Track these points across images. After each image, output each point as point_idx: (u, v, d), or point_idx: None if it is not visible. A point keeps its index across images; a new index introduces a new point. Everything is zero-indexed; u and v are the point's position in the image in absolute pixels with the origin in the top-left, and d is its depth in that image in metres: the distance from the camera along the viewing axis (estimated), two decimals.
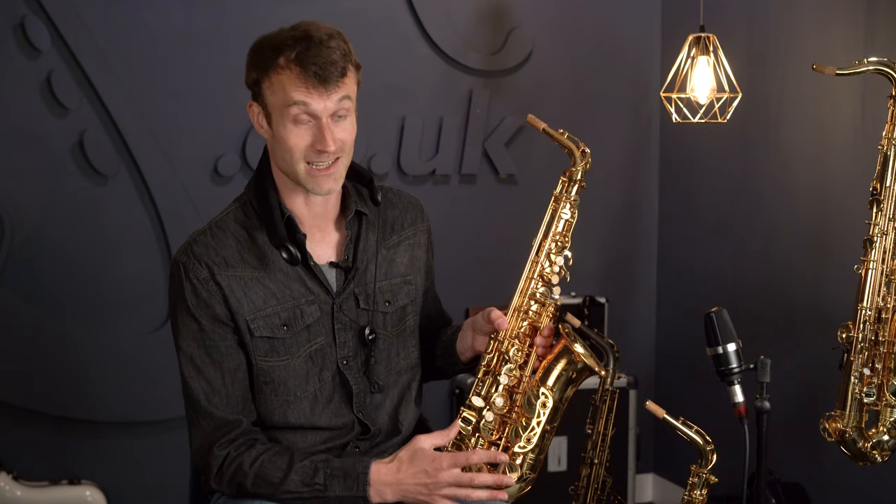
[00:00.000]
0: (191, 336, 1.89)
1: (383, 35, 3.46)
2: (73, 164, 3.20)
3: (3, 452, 3.01)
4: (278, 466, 1.86)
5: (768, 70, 3.29)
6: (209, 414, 1.89)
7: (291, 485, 1.86)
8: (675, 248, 3.82)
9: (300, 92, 1.82)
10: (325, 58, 1.82)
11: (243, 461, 1.87)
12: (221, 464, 1.88)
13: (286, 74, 1.82)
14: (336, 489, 1.85)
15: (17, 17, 3.10)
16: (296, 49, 1.82)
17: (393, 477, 1.85)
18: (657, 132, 3.84)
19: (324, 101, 1.83)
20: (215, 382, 1.89)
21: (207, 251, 1.90)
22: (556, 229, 2.01)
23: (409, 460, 1.85)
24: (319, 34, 1.84)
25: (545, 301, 1.99)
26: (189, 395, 1.90)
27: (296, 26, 1.87)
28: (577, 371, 1.97)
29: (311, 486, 1.86)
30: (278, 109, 1.85)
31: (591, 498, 2.73)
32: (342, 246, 1.98)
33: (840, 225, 3.02)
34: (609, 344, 2.74)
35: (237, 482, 1.88)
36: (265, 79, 1.86)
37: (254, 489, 1.87)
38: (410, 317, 2.06)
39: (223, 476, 1.88)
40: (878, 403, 2.37)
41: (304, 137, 1.85)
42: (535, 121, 2.06)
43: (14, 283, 3.17)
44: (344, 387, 1.97)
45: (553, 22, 3.67)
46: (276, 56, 1.83)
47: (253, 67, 1.88)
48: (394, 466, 1.86)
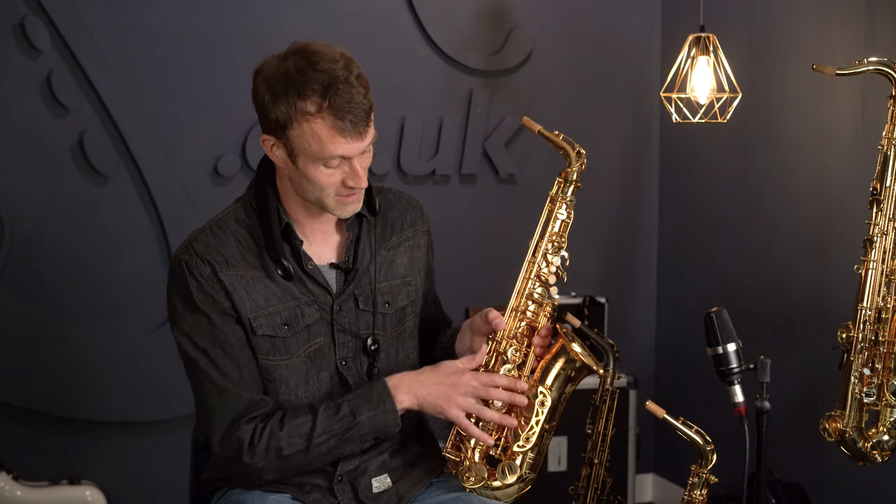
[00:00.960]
0: (203, 332, 1.89)
1: (383, 35, 3.46)
2: (73, 164, 3.20)
3: (3, 452, 3.01)
4: (304, 416, 1.88)
5: (768, 70, 3.29)
6: (235, 395, 1.88)
7: (322, 426, 1.87)
8: (675, 248, 3.82)
9: (338, 145, 1.80)
10: (356, 102, 1.79)
11: (273, 426, 1.87)
12: (252, 435, 1.87)
13: (319, 125, 1.79)
14: (365, 411, 1.89)
15: (17, 17, 3.09)
16: (325, 96, 1.78)
17: (414, 378, 1.92)
18: (657, 132, 3.84)
19: (358, 145, 1.83)
20: (233, 374, 1.89)
21: (209, 249, 1.90)
22: (553, 230, 2.02)
23: (433, 368, 1.93)
24: (336, 68, 1.80)
25: (542, 301, 1.99)
26: (210, 382, 1.88)
27: (307, 59, 1.80)
28: (576, 370, 1.97)
29: (340, 420, 1.88)
30: (309, 156, 1.82)
31: (591, 498, 2.73)
32: (342, 247, 1.99)
33: (840, 225, 3.02)
34: (609, 344, 2.74)
35: (273, 448, 1.87)
36: (292, 124, 1.81)
37: (289, 448, 1.87)
38: (410, 318, 2.06)
39: (256, 447, 1.87)
40: (878, 403, 2.37)
41: (336, 176, 1.85)
42: (531, 123, 2.06)
43: (14, 283, 3.17)
44: (343, 387, 1.97)
45: (553, 22, 3.67)
46: (302, 102, 1.79)
47: (273, 107, 1.81)
48: (415, 373, 1.93)
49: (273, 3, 3.32)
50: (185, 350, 1.91)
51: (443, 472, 2.05)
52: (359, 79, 1.82)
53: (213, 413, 1.89)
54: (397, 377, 1.93)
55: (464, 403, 1.90)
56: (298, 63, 1.81)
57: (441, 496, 1.99)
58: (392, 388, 1.90)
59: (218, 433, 1.89)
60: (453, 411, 1.90)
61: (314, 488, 1.96)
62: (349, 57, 1.84)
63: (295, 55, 1.82)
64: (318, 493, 1.96)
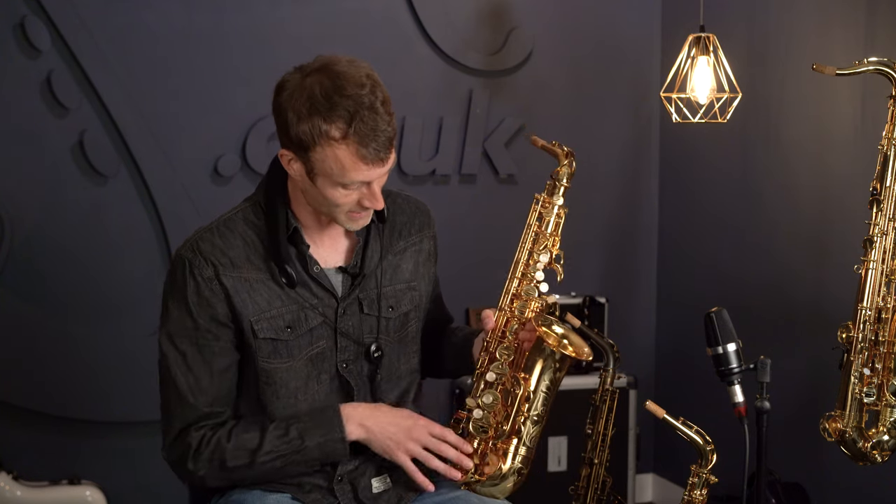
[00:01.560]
0: (184, 333, 1.89)
1: (383, 35, 3.46)
2: (73, 164, 3.20)
3: (3, 452, 3.01)
4: (252, 433, 1.89)
5: (768, 70, 3.29)
6: (193, 406, 1.90)
7: (268, 445, 1.88)
8: (676, 248, 3.82)
9: (360, 172, 1.80)
10: (381, 130, 1.78)
11: (220, 436, 1.89)
12: (199, 442, 1.89)
13: (342, 151, 1.78)
14: (314, 437, 1.89)
15: (17, 17, 3.10)
16: (351, 123, 1.76)
17: (369, 413, 1.93)
18: (657, 132, 3.84)
19: (379, 171, 1.83)
20: (203, 381, 1.90)
21: (214, 250, 1.90)
22: (542, 228, 2.04)
23: (391, 409, 1.96)
24: (362, 94, 1.77)
25: (529, 298, 2.01)
26: (175, 387, 1.90)
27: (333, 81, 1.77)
28: (556, 360, 1.97)
29: (288, 442, 1.89)
30: (329, 178, 1.81)
31: (591, 498, 2.73)
32: (351, 251, 1.99)
33: (840, 225, 3.02)
34: (609, 344, 2.74)
35: (217, 459, 1.88)
36: (315, 147, 1.79)
37: (233, 461, 1.88)
38: (413, 323, 2.06)
39: (200, 454, 1.88)
40: (878, 403, 2.37)
41: (352, 196, 1.85)
42: (537, 140, 2.14)
43: (14, 283, 3.17)
44: (343, 389, 1.97)
45: (553, 22, 3.67)
46: (327, 126, 1.77)
47: (296, 126, 1.79)
48: (372, 406, 1.95)
49: (273, 3, 3.32)
50: (163, 347, 1.92)
51: None
52: (384, 104, 1.80)
53: (169, 418, 1.93)
54: (351, 406, 1.93)
55: (413, 450, 1.92)
56: (324, 84, 1.77)
57: (441, 496, 1.99)
58: (345, 417, 1.91)
59: (169, 437, 1.92)
60: (401, 455, 1.92)
61: (314, 488, 1.96)
62: (375, 78, 1.81)
63: (320, 73, 1.79)
64: (318, 493, 1.96)
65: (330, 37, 3.36)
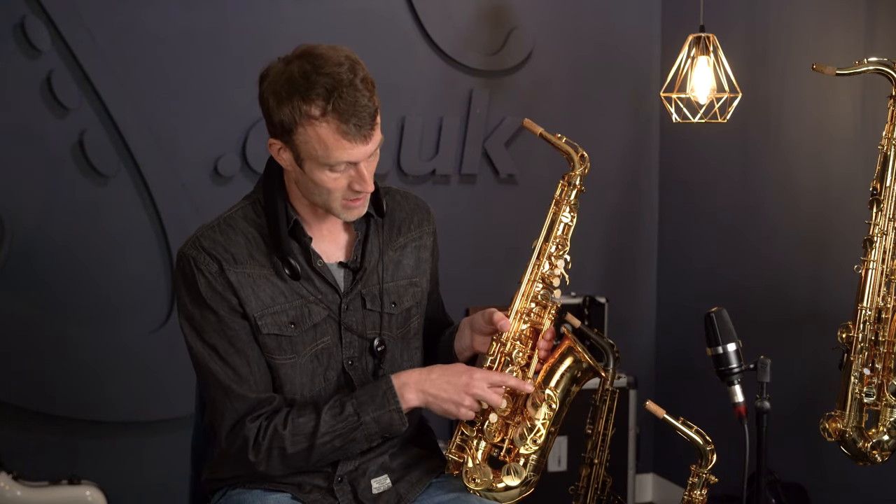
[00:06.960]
0: (212, 328, 1.88)
1: (383, 35, 3.46)
2: (73, 164, 3.20)
3: (3, 452, 3.01)
4: (308, 416, 1.88)
5: (768, 70, 3.29)
6: (242, 396, 1.88)
7: (325, 426, 1.87)
8: (675, 248, 3.82)
9: (343, 151, 1.80)
10: (361, 105, 1.78)
11: (276, 425, 1.87)
12: (257, 433, 1.87)
13: (324, 129, 1.78)
14: (370, 411, 1.88)
15: (17, 17, 3.09)
16: (329, 99, 1.77)
17: (424, 376, 1.91)
18: (657, 132, 3.84)
19: (363, 149, 1.82)
20: (241, 370, 1.89)
21: (216, 246, 1.90)
22: (557, 233, 2.01)
23: (444, 368, 1.93)
24: (340, 71, 1.78)
25: (546, 303, 1.99)
26: (217, 382, 1.88)
27: (311, 62, 1.79)
28: (582, 371, 1.98)
29: (345, 420, 1.88)
30: (315, 160, 1.82)
31: (591, 498, 2.73)
32: (351, 246, 1.99)
33: (840, 225, 3.02)
34: (609, 344, 2.74)
35: (276, 448, 1.87)
36: (297, 128, 1.80)
37: (293, 448, 1.87)
38: (415, 319, 2.06)
39: (260, 446, 1.87)
40: (878, 403, 2.37)
41: (342, 180, 1.85)
42: (532, 125, 2.04)
43: (14, 283, 3.16)
44: (349, 387, 1.97)
45: (553, 22, 3.67)
46: (306, 106, 1.78)
47: (277, 110, 1.81)
48: (426, 370, 1.93)
49: (273, 3, 3.32)
50: (194, 346, 1.91)
51: (442, 473, 2.05)
52: (364, 81, 1.80)
53: (220, 411, 1.90)
54: (405, 375, 1.93)
55: (473, 406, 1.90)
56: (303, 67, 1.79)
57: (441, 497, 1.99)
58: (398, 386, 1.90)
59: (224, 431, 1.90)
60: (463, 414, 1.90)
61: (314, 488, 1.96)
62: (355, 59, 1.83)
63: (300, 59, 1.81)
64: (318, 494, 1.96)
65: (330, 37, 3.29)
